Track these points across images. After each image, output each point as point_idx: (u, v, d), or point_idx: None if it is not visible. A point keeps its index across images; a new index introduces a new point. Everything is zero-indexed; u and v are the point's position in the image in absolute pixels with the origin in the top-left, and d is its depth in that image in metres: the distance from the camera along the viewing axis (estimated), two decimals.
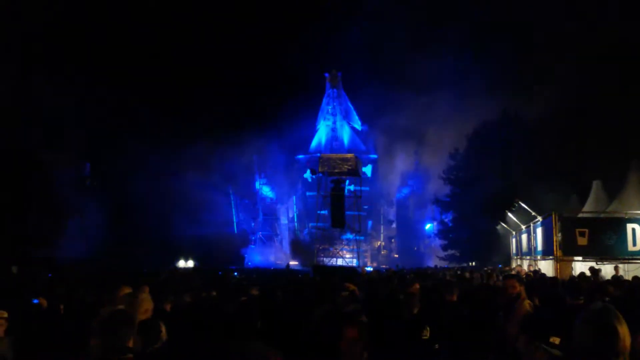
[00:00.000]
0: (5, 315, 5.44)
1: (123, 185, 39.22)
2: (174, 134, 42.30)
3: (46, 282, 14.27)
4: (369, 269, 35.24)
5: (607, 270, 15.14)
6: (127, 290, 6.51)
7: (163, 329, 4.51)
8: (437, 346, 5.73)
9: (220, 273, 22.45)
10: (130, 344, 4.01)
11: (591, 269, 14.77)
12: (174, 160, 42.13)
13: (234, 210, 50.44)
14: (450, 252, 41.20)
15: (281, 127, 48.06)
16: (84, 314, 7.00)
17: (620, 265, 15.90)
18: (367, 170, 51.11)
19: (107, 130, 38.71)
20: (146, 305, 5.27)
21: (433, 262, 39.85)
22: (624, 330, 2.56)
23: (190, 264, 37.38)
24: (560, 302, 6.78)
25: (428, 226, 50.34)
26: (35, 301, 8.58)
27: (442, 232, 43.33)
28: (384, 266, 36.84)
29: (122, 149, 39.63)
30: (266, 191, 53.20)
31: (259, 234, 50.91)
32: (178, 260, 37.57)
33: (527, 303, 6.28)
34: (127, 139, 39.39)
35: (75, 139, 37.12)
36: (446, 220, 42.94)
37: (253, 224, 51.80)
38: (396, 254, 51.10)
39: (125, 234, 36.40)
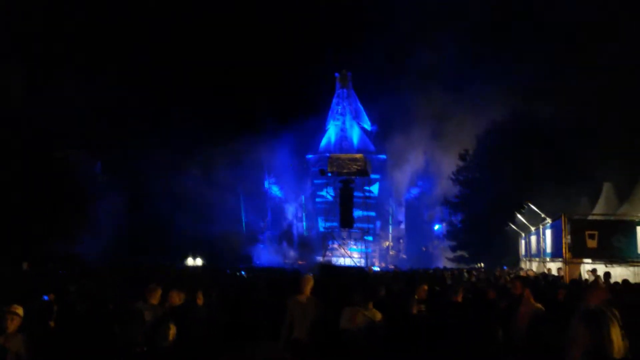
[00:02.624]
0: (20, 310, 5.47)
1: (133, 184, 39.45)
2: (183, 133, 42.42)
3: (57, 279, 14.39)
4: (376, 268, 35.27)
5: (616, 272, 15.07)
6: (159, 290, 6.60)
7: (172, 327, 4.57)
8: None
9: (228, 272, 22.53)
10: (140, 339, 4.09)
11: (593, 270, 14.79)
12: (184, 159, 42.32)
13: (242, 209, 50.54)
14: (459, 253, 41.09)
15: (291, 126, 48.12)
16: (95, 310, 7.10)
17: (631, 269, 15.87)
18: (376, 170, 51.12)
19: (117, 129, 38.94)
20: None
21: (442, 263, 39.74)
22: (616, 332, 2.62)
23: (199, 262, 37.53)
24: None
25: (437, 227, 50.20)
26: (45, 298, 8.69)
27: (451, 233, 43.20)
28: (391, 266, 36.81)
29: (132, 148, 39.86)
30: (275, 191, 53.31)
31: (268, 234, 51.00)
32: (186, 258, 37.74)
33: (532, 301, 6.29)
34: (137, 137, 39.62)
35: (86, 137, 37.39)
36: (455, 221, 42.81)
37: (262, 224, 51.89)
38: (404, 254, 51.03)
39: (136, 232, 36.62)
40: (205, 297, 8.01)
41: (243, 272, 22.35)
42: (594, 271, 14.90)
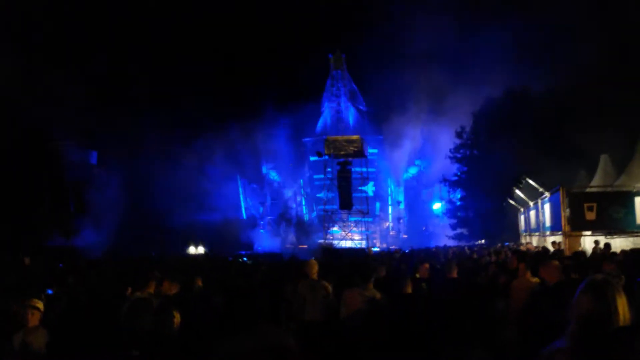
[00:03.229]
0: (40, 304, 5.45)
1: (130, 173, 39.39)
2: (179, 120, 42.30)
3: (58, 272, 14.40)
4: (376, 249, 35.41)
5: (616, 244, 15.16)
6: (153, 279, 6.63)
7: (177, 315, 4.60)
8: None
9: (230, 259, 22.57)
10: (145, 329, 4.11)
11: (596, 242, 14.89)
12: (181, 146, 42.21)
13: (241, 195, 50.58)
14: (459, 230, 41.23)
15: (286, 110, 48.01)
16: (97, 303, 7.13)
17: (630, 239, 15.98)
18: (374, 151, 51.08)
19: (112, 118, 38.75)
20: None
21: (442, 241, 39.89)
22: (622, 302, 2.63)
23: (201, 250, 37.63)
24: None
25: (436, 206, 50.31)
26: (50, 291, 8.72)
27: (451, 211, 43.30)
28: (392, 247, 36.92)
29: (128, 137, 39.70)
30: (273, 175, 53.31)
31: (268, 218, 51.08)
32: (188, 246, 37.85)
33: (527, 276, 6.29)
34: (133, 126, 39.45)
35: (81, 128, 37.22)
36: (454, 199, 42.91)
37: (262, 209, 51.97)
38: (405, 234, 51.18)
39: (135, 222, 36.64)
40: (204, 284, 8.07)
41: (245, 259, 22.41)
42: (596, 242, 15.00)
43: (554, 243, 16.57)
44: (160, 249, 29.37)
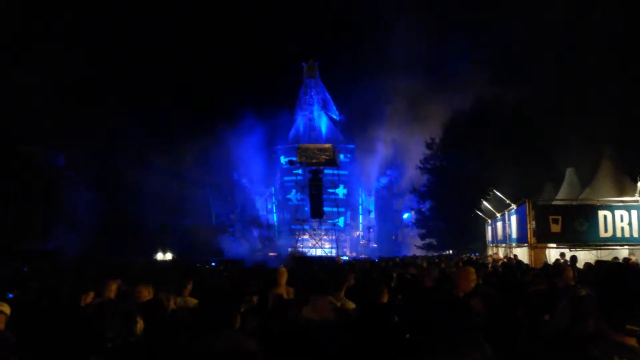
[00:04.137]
0: (7, 308, 5.26)
1: (97, 177, 38.76)
2: (149, 124, 41.81)
3: (21, 276, 14.08)
4: (345, 257, 35.50)
5: (580, 256, 15.46)
6: (114, 284, 6.51)
7: (140, 320, 4.54)
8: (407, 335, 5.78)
9: (197, 265, 22.36)
10: (109, 333, 4.05)
11: (561, 254, 15.17)
12: (149, 151, 41.65)
13: (211, 201, 50.18)
14: (427, 240, 41.59)
15: (259, 117, 47.92)
16: (60, 306, 6.98)
17: (594, 252, 16.32)
18: (345, 160, 51.29)
19: (82, 121, 38.10)
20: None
21: (411, 251, 40.18)
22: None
23: (169, 256, 37.18)
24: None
25: (406, 215, 50.69)
26: (10, 295, 8.51)
27: (420, 221, 43.68)
28: (362, 256, 37.05)
29: (96, 140, 39.06)
30: (244, 182, 53.04)
31: (238, 226, 50.75)
32: (156, 252, 37.35)
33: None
34: (103, 129, 38.86)
35: (49, 130, 36.52)
36: (423, 209, 43.31)
37: (232, 215, 51.60)
38: (375, 243, 51.40)
39: (102, 228, 36.04)
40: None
41: (214, 264, 22.24)
42: (562, 255, 15.28)
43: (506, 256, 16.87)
44: (128, 254, 28.92)
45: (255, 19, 50.70)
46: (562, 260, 14.58)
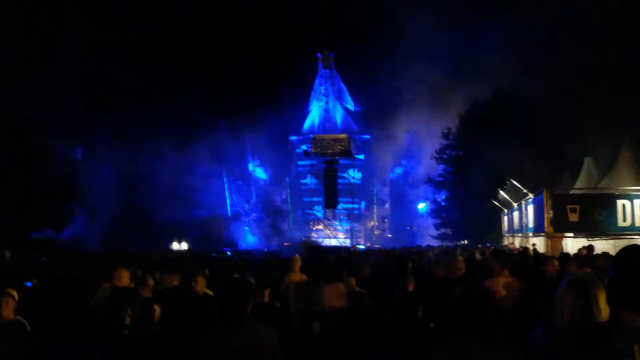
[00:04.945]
0: (15, 293, 5.33)
1: (116, 169, 39.14)
2: (166, 116, 42.05)
3: (40, 265, 14.28)
4: (361, 246, 35.55)
5: (598, 246, 15.30)
6: (124, 272, 6.57)
7: (157, 308, 4.57)
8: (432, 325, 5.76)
9: (214, 255, 22.52)
10: (127, 320, 4.08)
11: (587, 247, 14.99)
12: (167, 142, 41.91)
13: (227, 192, 50.40)
14: (442, 231, 41.44)
15: (274, 108, 47.86)
16: (80, 294, 7.07)
17: (611, 242, 16.14)
18: (361, 150, 51.18)
19: (98, 114, 38.43)
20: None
21: (426, 241, 40.08)
22: (602, 298, 2.67)
23: (184, 246, 37.47)
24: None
25: (421, 206, 50.49)
26: (29, 284, 8.63)
27: (435, 212, 43.52)
28: (376, 246, 37.00)
29: (114, 133, 39.43)
30: (259, 173, 53.18)
31: (253, 216, 50.95)
32: (172, 242, 37.65)
33: (503, 276, 6.32)
34: (120, 122, 39.20)
35: (66, 123, 36.89)
36: (439, 199, 43.13)
37: (247, 206, 51.81)
38: (389, 233, 51.32)
39: (120, 217, 36.44)
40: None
41: (229, 254, 22.39)
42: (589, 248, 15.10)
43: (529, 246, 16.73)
44: (145, 245, 29.19)
45: (273, 9, 50.51)
46: (581, 250, 14.44)
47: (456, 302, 3.19)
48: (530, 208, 19.21)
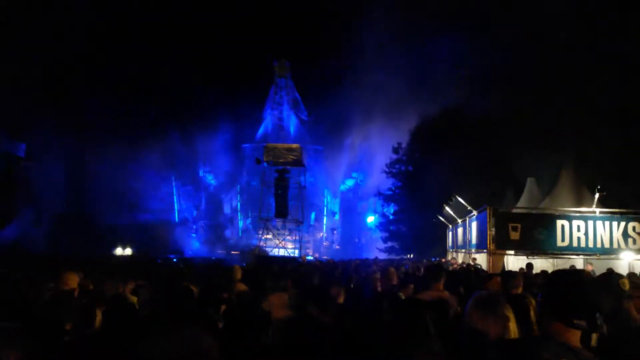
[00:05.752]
0: None
1: (59, 170, 37.96)
2: (113, 117, 41.09)
3: None
4: (310, 258, 35.58)
5: (537, 264, 15.84)
6: (72, 276, 6.40)
7: (99, 314, 4.49)
8: None
9: (159, 261, 22.14)
10: (68, 326, 4.00)
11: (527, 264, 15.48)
12: (113, 144, 40.94)
13: (175, 197, 49.61)
14: (390, 244, 41.98)
15: (228, 114, 47.56)
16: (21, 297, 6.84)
17: (550, 260, 16.75)
18: (312, 160, 51.31)
19: (44, 112, 37.21)
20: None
21: (373, 254, 40.47)
22: (510, 315, 2.83)
23: (128, 251, 36.63)
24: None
25: (370, 219, 50.98)
26: None
27: (383, 225, 44.07)
28: (325, 257, 37.15)
29: (58, 133, 38.20)
30: (210, 179, 52.58)
31: (201, 223, 50.29)
32: (115, 247, 36.74)
33: (437, 289, 6.45)
34: (63, 122, 38.02)
35: (9, 119, 35.63)
36: (387, 213, 43.70)
37: (195, 212, 51.10)
38: (338, 245, 51.53)
39: (64, 218, 35.33)
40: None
41: (175, 260, 22.05)
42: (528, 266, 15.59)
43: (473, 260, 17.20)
44: (87, 248, 28.40)
45: (229, 16, 50.25)
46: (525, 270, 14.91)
47: (385, 312, 3.27)
48: (474, 225, 19.69)
